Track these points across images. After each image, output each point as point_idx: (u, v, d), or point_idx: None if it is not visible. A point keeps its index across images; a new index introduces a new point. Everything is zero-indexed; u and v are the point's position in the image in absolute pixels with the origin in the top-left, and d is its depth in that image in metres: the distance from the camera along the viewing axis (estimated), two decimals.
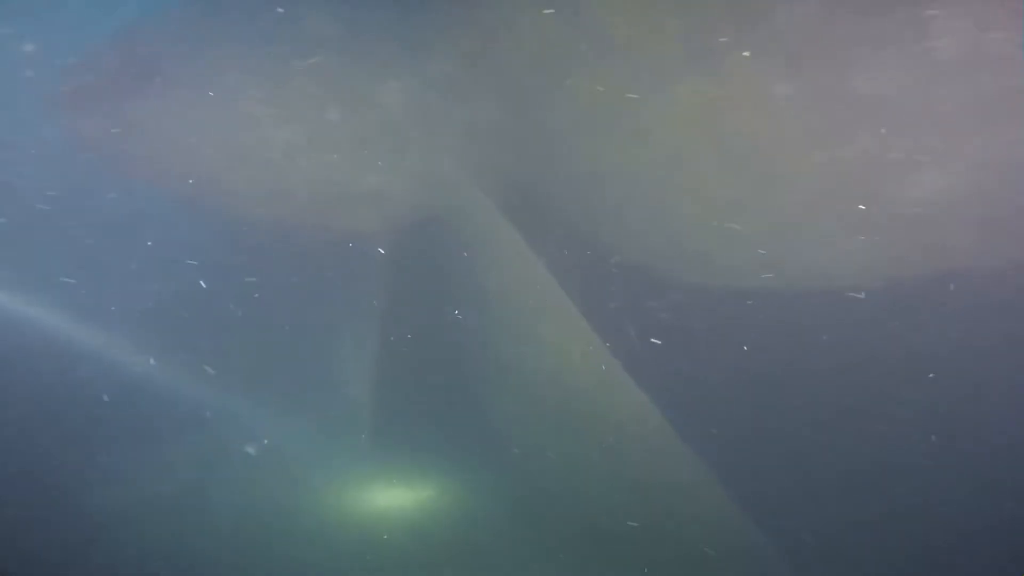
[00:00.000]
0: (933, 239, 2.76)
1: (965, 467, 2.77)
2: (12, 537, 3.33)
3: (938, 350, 2.91)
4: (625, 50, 2.92)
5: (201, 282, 3.32)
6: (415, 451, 3.34)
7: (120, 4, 3.67)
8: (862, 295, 2.89)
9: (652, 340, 3.31)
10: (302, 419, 3.39)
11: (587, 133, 3.19)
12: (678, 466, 3.02)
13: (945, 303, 2.84)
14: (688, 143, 2.95)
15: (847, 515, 2.91)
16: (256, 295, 3.40)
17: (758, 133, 2.79)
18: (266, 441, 3.28)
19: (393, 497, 3.34)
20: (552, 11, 3.05)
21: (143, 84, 3.49)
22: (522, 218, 3.26)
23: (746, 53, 2.67)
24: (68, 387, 3.39)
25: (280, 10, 3.40)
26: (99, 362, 3.37)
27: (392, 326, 3.45)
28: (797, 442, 3.08)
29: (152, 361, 3.34)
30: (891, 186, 2.69)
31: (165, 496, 3.28)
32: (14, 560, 3.29)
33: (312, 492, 3.32)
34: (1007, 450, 2.73)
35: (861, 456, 2.94)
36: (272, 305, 3.42)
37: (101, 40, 3.58)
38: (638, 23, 2.88)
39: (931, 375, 2.85)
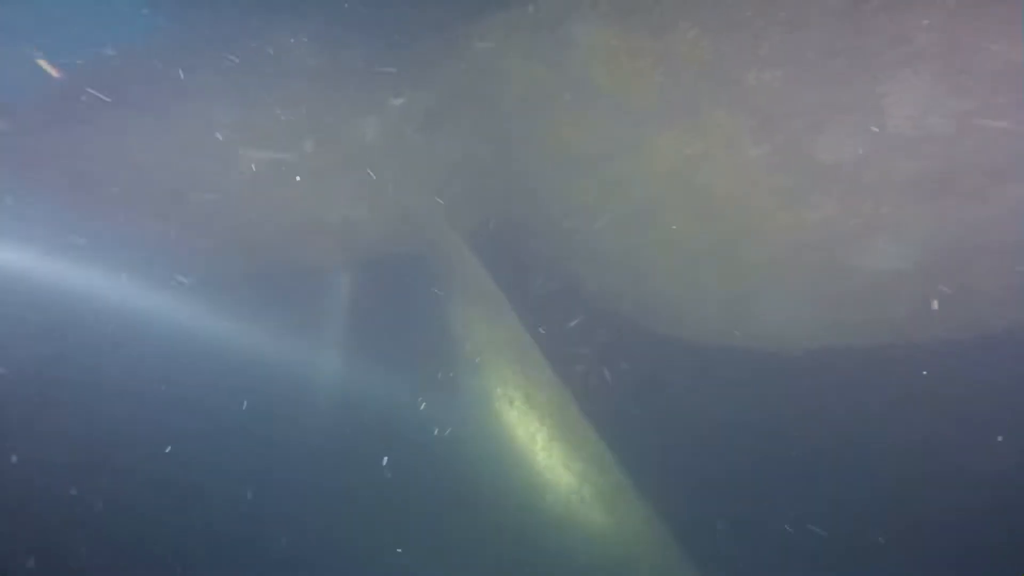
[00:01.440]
0: (889, 302, 2.94)
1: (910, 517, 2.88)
2: None
3: (886, 408, 3.10)
4: (605, 101, 2.99)
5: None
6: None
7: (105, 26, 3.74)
8: (820, 350, 3.07)
9: (616, 385, 3.36)
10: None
11: (563, 178, 3.25)
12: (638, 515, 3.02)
13: (898, 361, 3.03)
14: (661, 196, 3.04)
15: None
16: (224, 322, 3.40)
17: (729, 191, 2.95)
18: None
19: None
20: (533, 57, 3.10)
21: (114, 107, 3.41)
22: (493, 258, 3.31)
23: (720, 113, 2.86)
24: None
25: (260, 41, 3.42)
26: None
27: (360, 357, 3.46)
28: (758, 488, 3.13)
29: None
30: (850, 250, 2.86)
31: None
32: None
33: None
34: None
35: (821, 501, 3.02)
36: (238, 327, 3.44)
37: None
38: (619, 76, 2.95)
39: (882, 432, 3.02)
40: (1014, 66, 2.40)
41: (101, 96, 3.37)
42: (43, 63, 3.33)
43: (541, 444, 3.14)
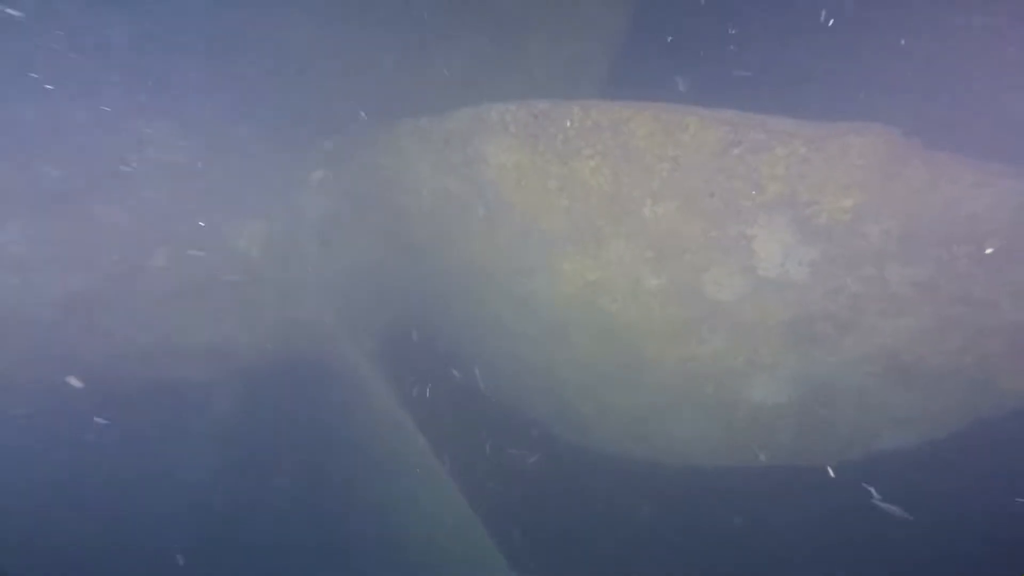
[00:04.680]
0: (768, 431, 3.17)
1: None
2: None
3: (766, 520, 3.34)
4: (513, 219, 3.02)
5: None
6: None
7: None
8: (711, 468, 3.29)
9: (520, 496, 3.39)
10: None
11: (469, 292, 3.25)
12: None
13: (779, 482, 3.27)
14: (566, 316, 3.11)
15: None
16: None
17: (629, 318, 3.07)
18: None
19: None
20: (443, 170, 3.05)
21: None
22: (393, 371, 3.27)
23: (621, 243, 3.00)
24: None
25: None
26: None
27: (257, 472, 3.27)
28: None
29: None
30: (736, 386, 3.05)
31: None
32: None
33: None
34: None
35: None
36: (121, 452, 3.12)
37: None
38: (527, 196, 2.98)
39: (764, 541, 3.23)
40: (856, 221, 2.65)
41: None
42: None
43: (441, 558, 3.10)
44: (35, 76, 3.08)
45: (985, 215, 2.53)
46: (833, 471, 3.27)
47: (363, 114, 3.23)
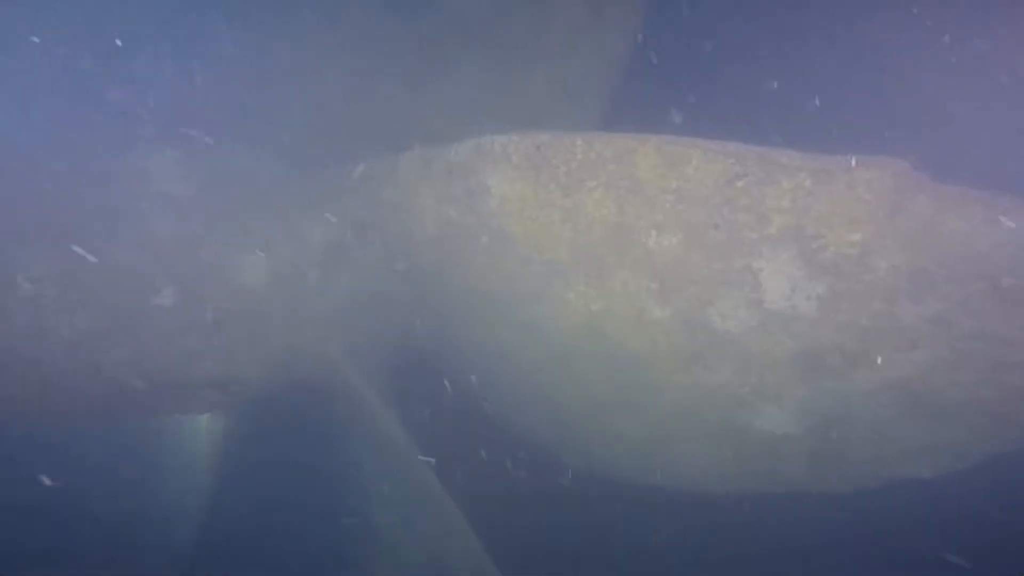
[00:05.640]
0: (779, 459, 3.12)
1: None
2: None
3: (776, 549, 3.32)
4: (516, 249, 3.02)
5: None
6: None
7: None
8: (720, 495, 3.26)
9: (526, 523, 3.39)
10: None
11: (473, 318, 3.27)
12: None
13: (787, 509, 3.24)
14: (571, 345, 3.11)
15: None
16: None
17: (634, 348, 3.05)
18: None
19: None
20: (447, 200, 3.01)
21: None
22: (397, 397, 3.27)
23: (625, 274, 2.98)
24: None
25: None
26: None
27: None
28: None
29: None
30: (744, 415, 3.01)
31: None
32: None
33: None
34: None
35: None
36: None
37: None
38: (530, 227, 2.99)
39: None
40: (864, 255, 2.59)
41: None
42: None
43: None
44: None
45: (998, 251, 2.45)
46: (846, 499, 3.22)
47: (365, 145, 3.26)
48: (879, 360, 2.84)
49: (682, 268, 2.87)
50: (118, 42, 3.27)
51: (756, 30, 3.42)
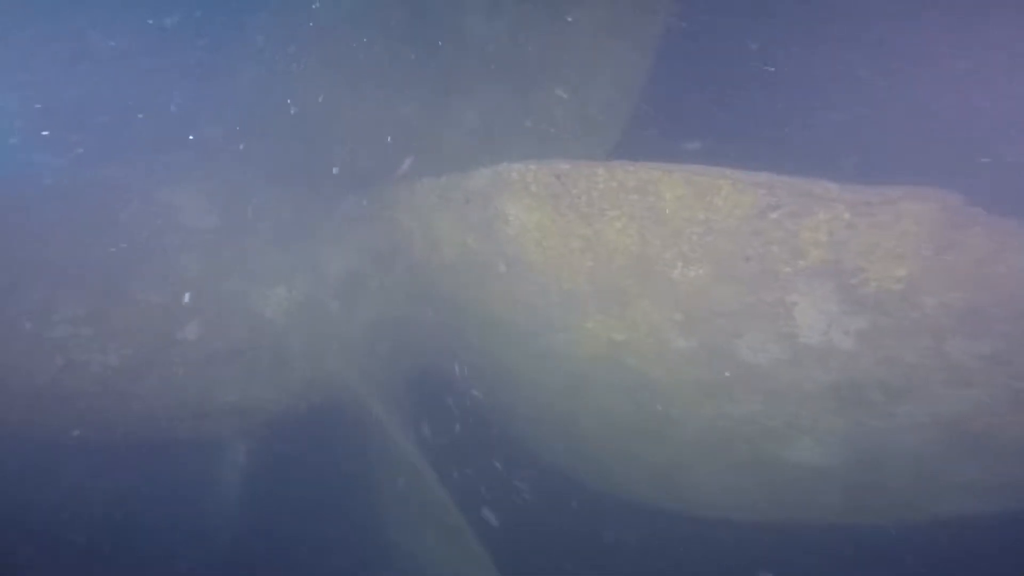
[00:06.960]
0: (810, 491, 2.99)
1: None
2: None
3: None
4: (535, 277, 2.95)
5: None
6: None
7: None
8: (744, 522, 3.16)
9: (543, 547, 3.35)
10: None
11: (491, 345, 3.22)
12: None
13: (817, 541, 3.12)
14: (591, 373, 3.03)
15: None
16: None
17: (656, 378, 2.94)
18: None
19: None
20: (464, 227, 2.98)
21: None
22: (416, 421, 3.29)
23: (647, 303, 2.85)
24: None
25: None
26: None
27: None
28: None
29: None
30: (770, 447, 2.87)
31: None
32: None
33: None
34: None
35: None
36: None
37: None
38: (550, 255, 2.90)
39: None
40: (910, 291, 2.40)
41: None
42: None
43: None
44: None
45: None
46: (886, 533, 3.08)
47: (384, 173, 3.19)
48: (926, 395, 2.65)
49: (709, 300, 2.73)
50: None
51: (787, 49, 3.14)
